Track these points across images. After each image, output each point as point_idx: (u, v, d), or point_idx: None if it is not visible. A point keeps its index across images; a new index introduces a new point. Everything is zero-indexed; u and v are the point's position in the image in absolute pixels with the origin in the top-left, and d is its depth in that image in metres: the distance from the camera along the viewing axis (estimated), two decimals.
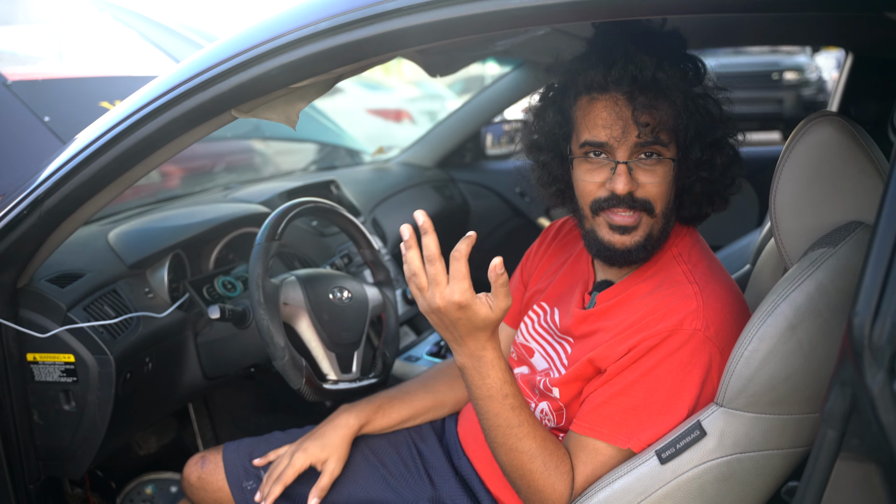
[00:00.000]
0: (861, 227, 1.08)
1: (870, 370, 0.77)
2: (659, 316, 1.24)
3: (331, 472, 1.50)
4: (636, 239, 1.28)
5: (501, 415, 1.20)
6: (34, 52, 2.68)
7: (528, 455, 1.21)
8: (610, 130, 1.24)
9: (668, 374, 1.21)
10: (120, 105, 1.36)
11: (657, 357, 1.22)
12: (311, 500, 1.49)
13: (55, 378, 1.59)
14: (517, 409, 1.20)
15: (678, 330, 1.21)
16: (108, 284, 1.72)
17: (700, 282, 1.27)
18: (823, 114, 1.16)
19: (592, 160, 1.29)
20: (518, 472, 1.23)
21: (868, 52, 2.43)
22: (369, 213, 2.87)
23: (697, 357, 1.20)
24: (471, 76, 9.69)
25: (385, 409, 1.60)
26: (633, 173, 1.25)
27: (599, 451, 1.23)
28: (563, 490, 1.22)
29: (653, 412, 1.21)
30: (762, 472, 1.10)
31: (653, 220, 1.28)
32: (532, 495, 1.24)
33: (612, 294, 1.36)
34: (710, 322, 1.21)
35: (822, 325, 1.03)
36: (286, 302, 1.66)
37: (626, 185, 1.24)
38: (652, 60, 1.23)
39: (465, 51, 2.14)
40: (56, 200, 1.40)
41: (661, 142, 1.24)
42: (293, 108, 1.31)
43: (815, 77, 9.47)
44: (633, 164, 1.25)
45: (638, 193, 1.26)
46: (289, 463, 1.50)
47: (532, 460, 1.21)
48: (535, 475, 1.22)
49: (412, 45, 1.15)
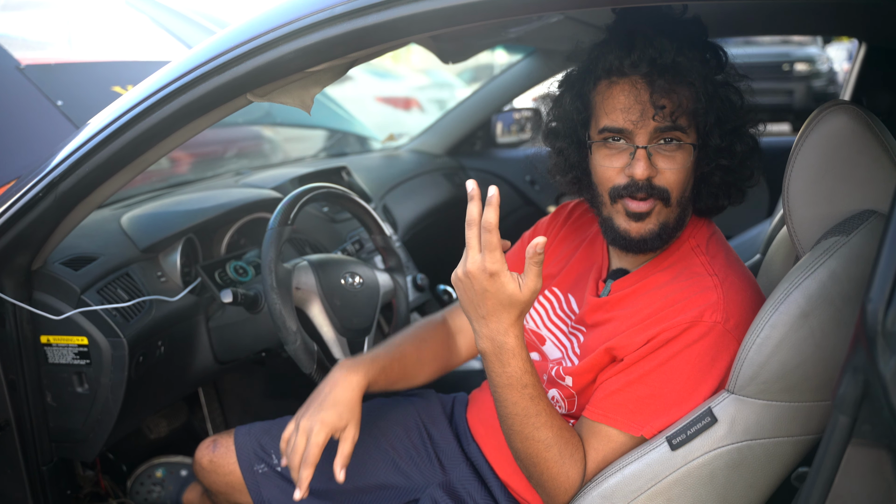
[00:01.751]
0: (874, 216, 1.08)
1: (883, 356, 0.77)
2: (679, 307, 1.24)
3: (351, 437, 1.39)
4: (650, 226, 1.28)
5: (519, 404, 1.19)
6: (47, 37, 2.68)
7: (544, 444, 1.21)
8: (629, 114, 1.24)
9: (685, 364, 1.21)
10: (135, 88, 1.36)
11: (676, 348, 1.21)
12: (339, 472, 1.36)
13: (68, 360, 1.60)
14: (536, 399, 1.20)
15: (698, 322, 1.21)
16: (121, 268, 1.73)
17: (720, 274, 1.27)
18: (838, 102, 1.15)
19: (612, 146, 1.28)
20: (532, 460, 1.23)
21: (882, 42, 2.41)
22: (380, 199, 2.87)
23: (716, 349, 1.20)
24: (480, 65, 9.68)
25: (387, 372, 1.50)
26: (653, 159, 1.25)
27: (612, 438, 1.24)
28: (576, 477, 1.23)
29: (668, 402, 1.21)
30: (772, 459, 1.11)
31: (668, 210, 1.28)
32: (545, 482, 1.24)
33: (627, 283, 1.35)
34: (729, 315, 1.21)
35: (835, 313, 1.03)
36: (298, 287, 1.67)
37: (646, 170, 1.24)
38: (672, 44, 1.22)
39: (478, 38, 2.13)
40: (71, 183, 1.41)
41: (680, 127, 1.24)
42: (308, 92, 1.31)
43: (826, 68, 9.41)
44: (653, 150, 1.25)
45: (656, 180, 1.26)
46: (307, 441, 1.37)
47: (548, 449, 1.21)
48: (550, 463, 1.22)
49: (427, 30, 1.15)
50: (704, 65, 1.26)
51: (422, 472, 1.55)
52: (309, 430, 1.37)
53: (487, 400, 1.56)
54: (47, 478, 1.66)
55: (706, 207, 1.36)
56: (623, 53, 1.24)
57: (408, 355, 1.57)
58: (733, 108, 1.29)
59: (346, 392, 1.41)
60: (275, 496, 1.56)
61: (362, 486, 1.55)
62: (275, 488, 1.57)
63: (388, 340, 1.61)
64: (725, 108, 1.28)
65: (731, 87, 1.31)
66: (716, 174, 1.31)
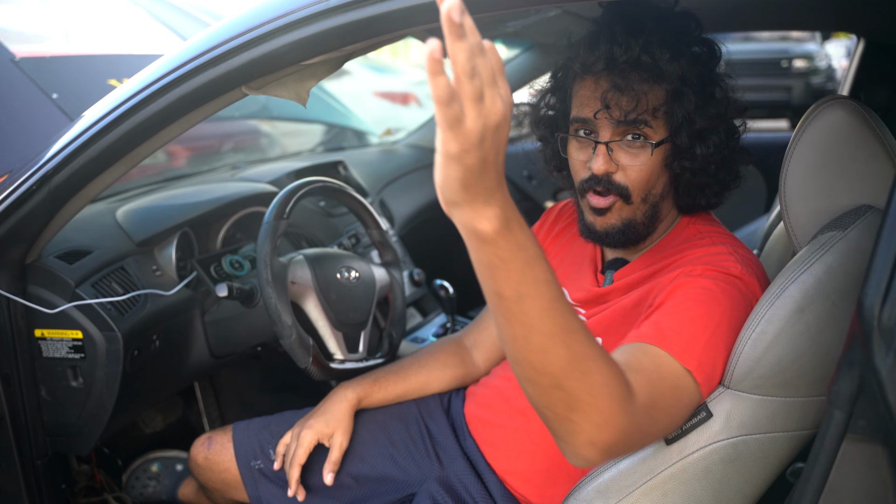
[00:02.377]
0: (871, 210, 1.08)
1: (879, 351, 0.77)
2: (698, 259, 1.23)
3: (339, 445, 1.52)
4: (611, 221, 1.29)
5: (560, 298, 0.89)
6: (42, 30, 2.68)
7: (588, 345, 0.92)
8: (591, 108, 1.26)
9: (716, 300, 1.14)
10: (130, 81, 1.36)
11: (703, 282, 1.16)
12: (326, 476, 1.50)
13: (63, 354, 1.60)
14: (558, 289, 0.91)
15: (722, 270, 1.18)
16: (116, 261, 1.72)
17: (729, 244, 1.27)
18: (835, 97, 1.15)
19: (581, 139, 1.30)
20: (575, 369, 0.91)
21: (880, 38, 2.41)
22: (377, 194, 2.87)
23: (741, 298, 1.16)
24: None
25: (381, 384, 1.61)
26: (615, 155, 1.26)
27: (663, 361, 1.08)
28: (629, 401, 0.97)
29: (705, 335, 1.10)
30: (767, 454, 1.11)
31: (630, 207, 1.28)
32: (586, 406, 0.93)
33: (629, 271, 1.36)
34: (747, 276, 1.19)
35: (831, 308, 1.03)
36: (294, 281, 1.67)
37: (602, 165, 1.25)
38: (638, 41, 1.22)
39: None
40: (65, 176, 1.41)
41: (644, 123, 1.23)
42: (304, 85, 1.31)
43: (824, 65, 9.41)
44: (616, 146, 1.26)
45: (617, 177, 1.27)
46: (297, 443, 1.51)
47: (595, 357, 0.92)
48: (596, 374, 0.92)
49: (423, 23, 1.14)
50: (677, 62, 1.23)
51: (419, 467, 1.55)
52: (298, 435, 1.52)
53: (484, 395, 1.56)
54: (42, 472, 1.65)
55: (685, 204, 1.35)
56: (590, 50, 1.25)
57: (408, 367, 1.65)
58: (708, 107, 1.26)
59: (335, 403, 1.56)
60: (270, 492, 1.56)
61: (360, 480, 1.55)
62: (271, 484, 1.57)
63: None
64: (696, 107, 1.25)
65: (715, 85, 1.29)
66: (685, 174, 1.29)
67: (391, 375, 1.63)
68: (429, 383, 1.65)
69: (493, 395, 1.54)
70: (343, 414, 1.54)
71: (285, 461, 1.54)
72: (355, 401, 1.57)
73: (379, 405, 1.62)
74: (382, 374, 1.63)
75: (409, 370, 1.64)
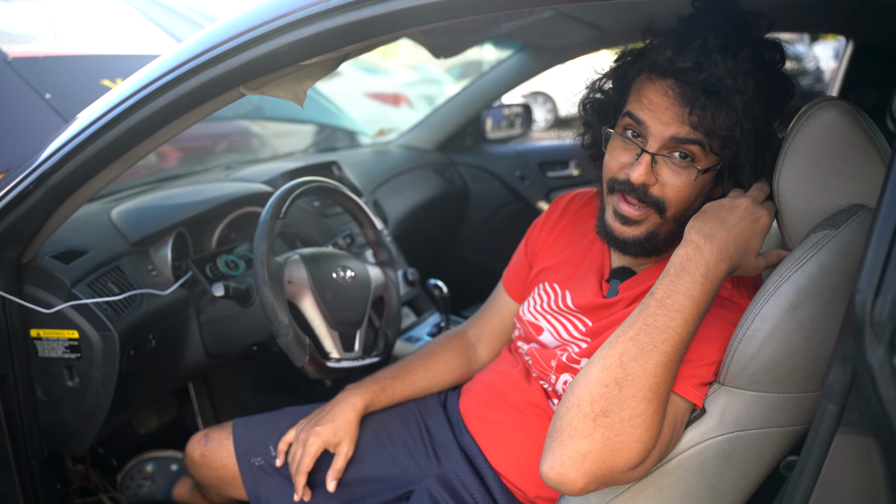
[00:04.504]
0: (863, 209, 1.09)
1: (870, 346, 0.78)
2: None
3: (344, 454, 1.53)
4: (636, 233, 1.26)
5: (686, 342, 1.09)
6: (35, 30, 2.67)
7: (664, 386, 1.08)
8: (649, 113, 1.20)
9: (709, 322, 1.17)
10: (127, 80, 1.36)
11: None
12: (329, 483, 1.52)
13: (59, 354, 1.60)
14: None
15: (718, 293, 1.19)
16: (111, 261, 1.73)
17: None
18: (827, 98, 1.17)
19: (626, 140, 1.24)
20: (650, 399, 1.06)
21: (868, 39, 2.44)
22: (370, 194, 2.87)
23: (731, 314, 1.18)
24: (469, 61, 9.70)
25: (388, 390, 1.62)
26: (657, 168, 1.20)
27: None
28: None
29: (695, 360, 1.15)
30: (762, 450, 1.12)
31: (661, 221, 1.25)
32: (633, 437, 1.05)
33: (635, 283, 1.34)
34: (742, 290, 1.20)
35: (824, 305, 1.05)
36: (290, 280, 1.68)
37: (642, 176, 1.20)
38: (727, 65, 1.14)
39: (469, 32, 2.14)
40: (62, 176, 1.40)
41: (699, 143, 1.17)
42: (301, 85, 1.31)
43: (812, 66, 9.48)
44: (661, 159, 1.20)
45: (654, 190, 1.22)
46: (303, 451, 1.52)
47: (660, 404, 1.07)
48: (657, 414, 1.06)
49: (421, 24, 1.15)
50: (755, 98, 1.16)
51: (418, 464, 1.56)
52: (304, 442, 1.53)
53: (479, 391, 1.57)
54: (37, 472, 1.65)
55: None
56: (675, 51, 1.17)
57: (414, 370, 1.66)
58: (764, 146, 1.20)
59: (343, 412, 1.56)
60: (269, 489, 1.57)
61: (360, 477, 1.56)
62: (270, 481, 1.58)
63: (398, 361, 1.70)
64: (755, 144, 1.19)
65: (775, 123, 1.22)
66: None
67: (398, 382, 1.64)
68: (433, 387, 1.67)
69: (488, 391, 1.55)
70: (351, 423, 1.56)
71: (290, 467, 1.55)
72: (363, 409, 1.59)
73: (383, 408, 1.64)
74: (389, 380, 1.63)
75: (415, 375, 1.66)
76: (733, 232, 1.11)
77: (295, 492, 1.53)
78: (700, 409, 1.14)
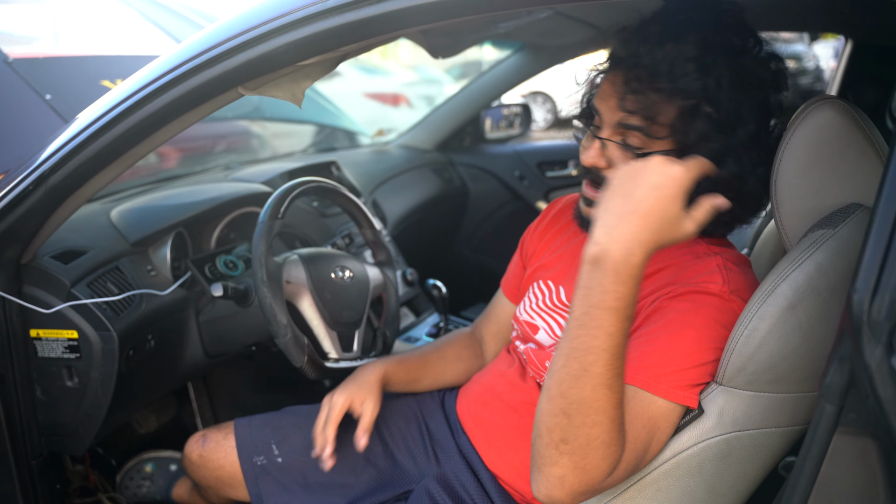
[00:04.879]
0: (860, 209, 1.09)
1: (868, 345, 0.78)
2: (682, 276, 1.22)
3: (371, 411, 1.51)
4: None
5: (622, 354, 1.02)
6: (35, 31, 2.67)
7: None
8: (603, 101, 1.25)
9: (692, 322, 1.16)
10: (126, 81, 1.36)
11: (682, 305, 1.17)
12: (361, 439, 1.48)
13: (58, 354, 1.60)
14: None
15: (703, 286, 1.18)
16: (111, 262, 1.73)
17: (723, 253, 1.25)
18: (824, 97, 1.17)
19: (591, 129, 1.30)
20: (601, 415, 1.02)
21: (868, 39, 2.44)
22: (369, 194, 2.88)
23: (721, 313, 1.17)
24: (469, 61, 9.70)
25: (405, 365, 1.63)
26: (609, 152, 1.24)
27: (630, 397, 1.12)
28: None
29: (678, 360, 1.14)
30: (760, 450, 1.12)
31: None
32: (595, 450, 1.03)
33: None
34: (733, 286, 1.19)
35: (822, 305, 1.04)
36: (289, 280, 1.68)
37: (591, 158, 1.25)
38: (665, 48, 1.15)
39: (468, 32, 2.14)
40: (61, 177, 1.41)
41: (643, 132, 1.19)
42: (299, 86, 1.32)
43: (812, 66, 9.49)
44: (610, 144, 1.24)
45: (607, 173, 1.25)
46: (331, 406, 1.51)
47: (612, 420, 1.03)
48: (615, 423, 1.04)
49: (419, 24, 1.15)
50: (701, 81, 1.16)
51: (417, 464, 1.56)
52: (329, 402, 1.53)
53: (476, 392, 1.57)
54: (36, 472, 1.65)
55: None
56: (621, 43, 1.23)
57: (427, 354, 1.68)
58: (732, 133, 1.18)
59: (364, 374, 1.57)
60: (271, 488, 1.57)
61: (360, 477, 1.56)
62: (272, 481, 1.58)
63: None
64: (714, 131, 1.17)
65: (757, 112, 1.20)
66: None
67: (413, 359, 1.65)
68: (444, 374, 1.68)
69: (484, 392, 1.55)
70: (374, 383, 1.55)
71: (316, 426, 1.51)
72: (383, 373, 1.58)
73: (399, 385, 1.63)
74: (406, 356, 1.65)
75: (429, 357, 1.67)
76: (640, 209, 0.99)
77: (315, 446, 1.48)
78: (696, 409, 1.14)
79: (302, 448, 1.61)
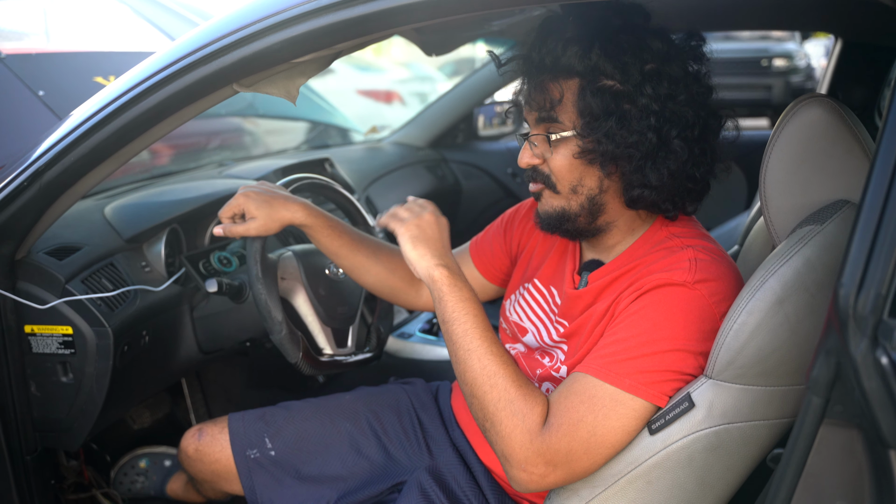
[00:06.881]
0: (847, 205, 1.11)
1: (854, 339, 0.80)
2: (649, 270, 1.24)
3: (251, 229, 1.51)
4: (545, 207, 1.35)
5: (480, 325, 1.25)
6: (28, 27, 2.67)
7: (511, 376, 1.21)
8: (524, 103, 1.34)
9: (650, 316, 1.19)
10: (121, 77, 1.37)
11: (643, 302, 1.20)
12: (217, 229, 1.52)
13: (53, 350, 1.60)
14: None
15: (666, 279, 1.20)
16: (105, 258, 1.73)
17: (695, 246, 1.25)
18: (813, 95, 1.18)
19: (521, 134, 1.38)
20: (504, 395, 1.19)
21: (857, 37, 2.46)
22: (363, 191, 2.88)
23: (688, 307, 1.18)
24: (461, 58, 9.68)
25: (339, 229, 1.60)
26: (538, 149, 1.31)
27: (576, 380, 1.20)
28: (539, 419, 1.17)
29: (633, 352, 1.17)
30: (748, 442, 1.14)
31: (560, 197, 1.31)
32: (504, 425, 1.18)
33: (603, 273, 1.35)
34: (699, 277, 1.19)
35: (809, 300, 1.06)
36: (283, 276, 1.68)
37: (524, 158, 1.33)
38: (547, 44, 1.25)
39: (461, 30, 2.15)
40: (56, 173, 1.41)
41: (554, 120, 1.27)
42: (293, 83, 1.32)
43: (803, 64, 9.52)
44: (539, 140, 1.30)
45: (542, 166, 1.32)
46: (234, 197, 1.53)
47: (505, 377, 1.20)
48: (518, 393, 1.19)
49: (413, 22, 1.16)
50: (586, 57, 1.21)
51: (409, 457, 1.57)
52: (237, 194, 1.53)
53: None
54: (31, 467, 1.66)
55: (630, 204, 1.29)
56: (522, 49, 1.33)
57: (366, 242, 1.65)
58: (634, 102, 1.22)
59: (286, 203, 1.53)
60: (264, 481, 1.58)
61: (352, 470, 1.57)
62: (265, 474, 1.59)
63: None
64: (610, 101, 1.21)
65: (662, 80, 1.22)
66: (613, 172, 1.27)
67: (352, 234, 1.63)
68: (368, 269, 1.64)
69: None
70: (279, 218, 1.52)
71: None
72: (305, 214, 1.54)
73: (320, 238, 1.59)
74: (349, 228, 1.63)
75: (366, 246, 1.63)
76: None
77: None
78: (645, 400, 1.16)
79: (295, 442, 1.62)
